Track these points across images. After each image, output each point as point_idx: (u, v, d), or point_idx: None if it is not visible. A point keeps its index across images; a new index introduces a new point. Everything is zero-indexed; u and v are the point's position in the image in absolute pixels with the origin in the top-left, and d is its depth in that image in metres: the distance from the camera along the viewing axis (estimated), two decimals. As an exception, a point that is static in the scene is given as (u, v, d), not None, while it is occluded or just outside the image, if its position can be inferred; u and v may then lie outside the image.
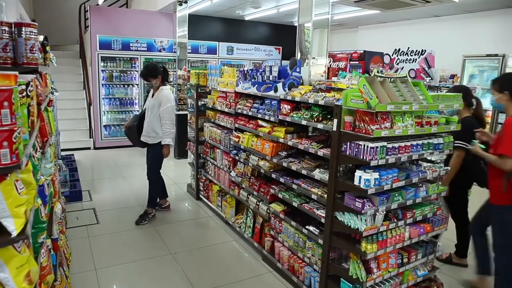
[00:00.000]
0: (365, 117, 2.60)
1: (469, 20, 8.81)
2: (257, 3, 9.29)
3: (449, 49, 8.47)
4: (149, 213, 5.21)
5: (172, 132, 4.99)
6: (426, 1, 7.26)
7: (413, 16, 9.71)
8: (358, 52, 7.79)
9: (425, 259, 3.29)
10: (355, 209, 2.76)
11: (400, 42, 9.97)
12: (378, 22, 11.05)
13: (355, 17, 10.08)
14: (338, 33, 13.05)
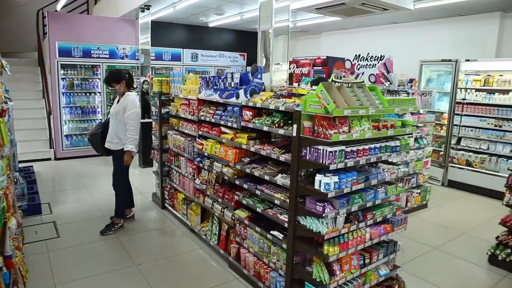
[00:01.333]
0: (323, 122, 2.65)
1: (425, 27, 9.18)
2: (220, 10, 9.32)
3: (407, 55, 8.79)
4: (116, 224, 5.08)
5: (135, 139, 4.89)
6: (384, 9, 7.51)
7: (373, 23, 10.02)
8: (321, 58, 7.95)
9: (387, 259, 3.37)
10: (316, 212, 2.79)
11: (361, 48, 10.25)
12: (340, 29, 11.32)
13: (318, 24, 10.29)
14: (302, 39, 13.27)
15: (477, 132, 7.34)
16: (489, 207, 6.40)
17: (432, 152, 7.71)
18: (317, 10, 7.92)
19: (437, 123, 7.85)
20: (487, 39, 8.02)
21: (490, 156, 7.11)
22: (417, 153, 5.78)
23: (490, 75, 7.21)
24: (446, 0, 7.04)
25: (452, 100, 7.55)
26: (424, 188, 6.16)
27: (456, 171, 7.53)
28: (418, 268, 4.32)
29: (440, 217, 5.98)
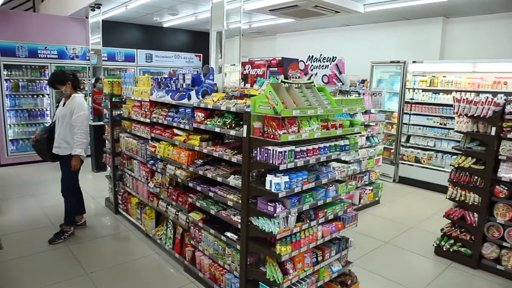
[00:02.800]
0: (273, 123, 2.67)
1: (375, 29, 9.52)
2: (174, 10, 9.18)
3: (359, 56, 9.07)
4: (66, 231, 4.86)
5: (84, 143, 4.69)
6: (335, 11, 7.70)
7: (326, 25, 10.25)
8: (276, 59, 8.03)
9: (339, 255, 3.44)
10: (267, 213, 2.81)
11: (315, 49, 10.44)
12: (295, 30, 11.50)
13: (273, 25, 10.39)
14: (257, 40, 13.36)
15: (425, 130, 7.70)
16: (436, 201, 6.72)
17: (384, 150, 8.01)
18: (271, 11, 7.99)
19: (388, 122, 8.17)
20: (431, 42, 8.43)
21: (437, 152, 7.48)
22: (369, 151, 5.97)
23: (435, 76, 7.59)
24: (393, 5, 7.33)
25: (401, 100, 7.88)
26: (376, 185, 6.38)
27: (406, 168, 7.86)
28: (371, 262, 4.46)
29: (391, 212, 6.21)
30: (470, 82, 7.13)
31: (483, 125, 4.33)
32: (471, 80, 7.13)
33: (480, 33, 7.93)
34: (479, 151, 4.36)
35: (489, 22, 7.79)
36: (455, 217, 4.57)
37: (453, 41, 8.37)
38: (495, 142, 4.19)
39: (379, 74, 8.65)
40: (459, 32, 8.29)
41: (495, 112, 4.15)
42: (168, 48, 11.64)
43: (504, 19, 7.57)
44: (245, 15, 9.50)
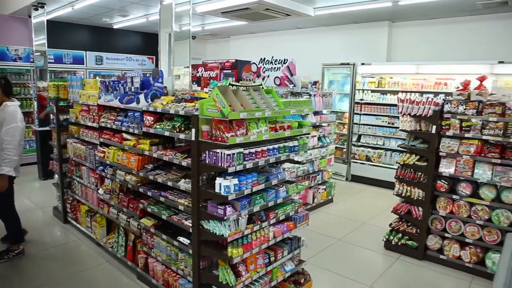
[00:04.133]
0: (220, 126, 2.67)
1: (326, 32, 9.77)
2: (124, 12, 8.95)
3: (311, 58, 9.27)
4: (12, 250, 4.49)
5: (14, 160, 4.14)
6: (286, 14, 7.85)
7: (279, 28, 10.39)
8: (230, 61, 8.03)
9: (291, 255, 3.50)
10: (218, 216, 2.80)
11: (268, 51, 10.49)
12: (248, 33, 11.57)
13: (226, 27, 10.40)
14: (211, 43, 13.32)
15: (374, 129, 8.00)
16: (386, 197, 6.98)
17: (336, 150, 8.25)
18: (223, 14, 8.01)
19: (340, 122, 8.41)
20: (379, 45, 8.78)
21: (386, 151, 7.80)
22: (321, 151, 6.11)
23: (382, 77, 7.92)
24: (341, 9, 7.57)
25: (351, 100, 8.14)
26: (329, 184, 6.54)
27: (358, 166, 8.12)
28: (324, 260, 4.57)
29: (344, 210, 6.40)
30: (414, 83, 7.50)
31: (425, 123, 4.57)
32: (415, 81, 7.50)
33: (422, 37, 8.35)
34: (422, 149, 4.59)
35: (430, 27, 8.23)
36: (402, 212, 4.78)
37: (399, 44, 8.76)
38: (435, 140, 4.43)
39: (331, 75, 8.89)
40: (403, 35, 8.69)
41: (435, 111, 4.39)
42: (120, 50, 11.33)
43: (444, 25, 8.02)
44: (197, 17, 9.44)
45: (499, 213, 4.14)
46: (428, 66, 7.45)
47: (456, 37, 7.86)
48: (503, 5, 6.72)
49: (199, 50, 13.18)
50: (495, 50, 7.29)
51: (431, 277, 4.31)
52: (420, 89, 7.36)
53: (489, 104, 4.17)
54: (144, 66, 11.38)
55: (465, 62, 7.02)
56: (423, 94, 7.03)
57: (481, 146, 4.23)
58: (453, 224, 4.41)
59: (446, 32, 7.99)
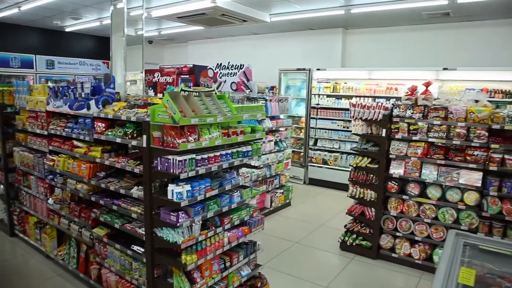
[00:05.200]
0: (172, 132, 2.65)
1: (283, 38, 9.93)
2: (76, 14, 8.67)
3: (268, 63, 9.39)
4: None
5: None
6: (243, 20, 7.91)
7: (237, 33, 10.45)
8: (188, 66, 7.98)
9: (247, 259, 3.51)
10: (171, 223, 2.77)
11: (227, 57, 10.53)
12: (206, 38, 11.55)
13: (183, 32, 10.33)
14: (169, 48, 13.18)
15: (330, 133, 8.20)
16: (343, 199, 7.11)
17: (294, 154, 8.38)
18: (179, 19, 7.96)
19: (297, 127, 8.56)
20: (333, 51, 9.03)
21: (341, 154, 8.01)
22: (278, 156, 6.19)
23: (337, 82, 8.15)
24: (296, 16, 7.73)
25: (308, 105, 8.31)
26: (286, 188, 6.63)
27: (315, 170, 8.29)
28: (281, 263, 4.62)
29: (301, 213, 6.50)
30: (367, 88, 7.78)
31: (375, 127, 4.74)
32: (368, 86, 7.78)
33: (375, 44, 8.68)
34: (373, 151, 4.76)
35: (382, 34, 8.57)
36: (356, 213, 4.93)
37: (352, 50, 9.05)
38: (386, 143, 4.61)
39: (288, 81, 9.04)
40: (357, 42, 9.00)
41: (384, 115, 4.57)
42: (73, 54, 10.94)
43: (394, 33, 8.38)
44: (154, 22, 9.32)
45: (444, 211, 4.37)
46: (380, 72, 7.76)
47: (406, 45, 8.23)
48: (446, 15, 7.13)
49: (156, 55, 12.99)
50: (441, 57, 7.71)
51: (384, 275, 4.46)
52: (373, 94, 7.64)
53: (433, 108, 4.40)
54: (99, 71, 11.05)
55: (414, 68, 7.38)
56: (375, 98, 7.37)
57: (427, 148, 4.45)
58: (404, 223, 4.60)
59: (396, 39, 8.36)
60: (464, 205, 4.24)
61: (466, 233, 2.65)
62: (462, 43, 7.63)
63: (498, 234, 4.16)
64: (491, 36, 7.35)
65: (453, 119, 4.26)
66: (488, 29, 7.39)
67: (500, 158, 4.07)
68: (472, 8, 6.61)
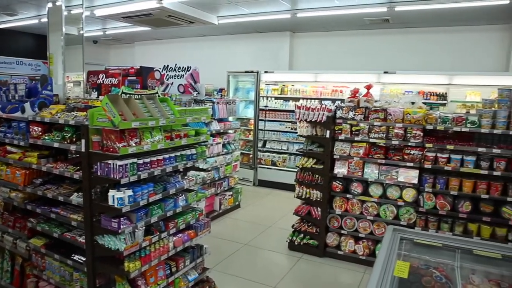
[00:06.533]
0: (111, 136, 2.57)
1: (231, 40, 9.96)
2: (11, 10, 8.16)
3: (216, 66, 9.37)
4: None
5: None
6: (190, 22, 7.84)
7: (185, 35, 10.33)
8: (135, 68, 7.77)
9: (194, 264, 3.48)
10: (112, 229, 2.69)
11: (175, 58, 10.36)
12: (154, 39, 11.31)
13: (130, 33, 10.06)
14: (115, 48, 12.78)
15: (279, 135, 8.33)
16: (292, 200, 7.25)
17: (243, 156, 8.42)
18: (125, 19, 7.75)
19: (246, 129, 8.61)
20: (281, 54, 9.18)
21: (290, 155, 8.17)
22: (226, 158, 6.19)
23: (285, 85, 8.31)
24: (244, 18, 7.79)
25: (256, 107, 8.39)
26: (235, 190, 6.64)
27: (264, 171, 8.38)
28: (230, 265, 4.62)
29: (251, 214, 6.54)
30: (314, 90, 7.99)
31: (320, 129, 4.88)
32: (314, 89, 8.00)
33: (321, 47, 8.93)
34: (318, 152, 4.90)
35: (327, 38, 8.84)
36: (303, 213, 5.04)
37: (300, 53, 9.25)
38: (330, 144, 4.76)
39: (236, 83, 9.08)
40: (304, 45, 9.21)
41: (328, 117, 4.72)
42: (9, 53, 10.27)
43: (339, 37, 8.67)
44: (98, 21, 8.99)
45: (385, 208, 4.58)
46: (326, 75, 8.00)
47: (350, 49, 8.55)
48: (386, 22, 7.49)
49: (101, 55, 12.53)
50: (382, 61, 8.07)
51: (331, 272, 4.60)
52: (319, 96, 7.86)
53: (374, 110, 4.60)
54: (39, 71, 10.45)
55: (358, 72, 7.68)
56: (322, 100, 7.57)
57: (369, 148, 4.65)
58: (348, 221, 4.77)
59: (341, 43, 8.66)
60: (403, 202, 4.48)
61: (402, 228, 2.81)
62: (401, 48, 8.05)
63: (433, 227, 4.43)
64: (428, 42, 7.83)
65: (392, 120, 4.49)
66: (424, 36, 7.86)
67: (434, 156, 4.33)
68: (409, 16, 7.00)
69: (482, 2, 5.90)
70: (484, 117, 4.12)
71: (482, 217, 4.20)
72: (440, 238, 2.68)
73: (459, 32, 7.58)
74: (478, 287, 2.26)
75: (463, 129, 4.18)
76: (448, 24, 7.48)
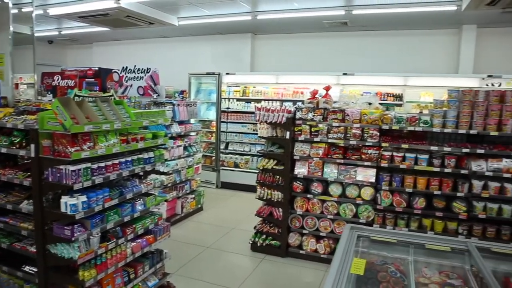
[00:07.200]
0: (63, 140, 2.48)
1: (193, 42, 9.86)
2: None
3: (178, 67, 9.25)
4: None
5: None
6: (150, 23, 7.70)
7: (145, 36, 10.13)
8: (93, 69, 7.53)
9: (154, 269, 3.42)
10: (65, 237, 2.59)
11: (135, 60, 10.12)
12: (113, 40, 11.02)
13: (87, 33, 9.73)
14: (72, 49, 12.35)
15: (241, 136, 8.33)
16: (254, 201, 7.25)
17: (206, 158, 8.37)
18: (81, 18, 7.51)
19: (208, 131, 8.56)
20: (243, 56, 9.19)
21: (252, 156, 8.18)
22: (187, 161, 6.11)
23: (246, 86, 8.32)
24: (205, 20, 7.74)
25: (218, 109, 8.36)
26: (198, 193, 6.58)
27: (227, 173, 8.35)
28: (192, 269, 4.56)
29: (214, 217, 6.50)
30: (275, 92, 8.06)
31: (280, 130, 4.92)
32: (276, 90, 8.06)
33: (282, 49, 9.01)
34: (279, 153, 4.94)
35: (288, 40, 8.94)
36: (265, 214, 5.06)
37: (261, 55, 9.30)
38: (290, 144, 4.81)
39: (198, 85, 9.01)
40: (265, 47, 9.27)
41: (288, 118, 4.77)
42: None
43: (300, 39, 8.78)
44: (53, 21, 8.64)
45: (345, 206, 4.69)
46: (287, 76, 8.09)
47: (311, 50, 8.68)
48: (344, 25, 7.68)
49: (58, 56, 12.07)
50: (341, 63, 8.26)
51: (293, 271, 4.64)
52: (281, 97, 7.93)
53: (332, 111, 4.70)
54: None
55: (318, 73, 7.83)
56: (283, 102, 7.65)
57: (328, 149, 4.74)
58: (309, 220, 4.84)
59: (302, 45, 8.78)
60: (362, 200, 4.60)
61: (360, 226, 2.87)
62: (359, 50, 8.27)
63: (391, 224, 4.57)
64: (384, 44, 8.09)
65: (350, 120, 4.59)
66: (382, 39, 8.12)
67: (390, 155, 4.48)
68: (367, 19, 7.21)
69: (432, 8, 6.18)
70: (435, 117, 4.30)
71: (435, 212, 4.38)
72: (395, 235, 2.77)
73: (413, 36, 7.89)
74: (430, 279, 2.36)
75: (417, 128, 4.36)
76: (403, 28, 7.77)
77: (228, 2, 6.65)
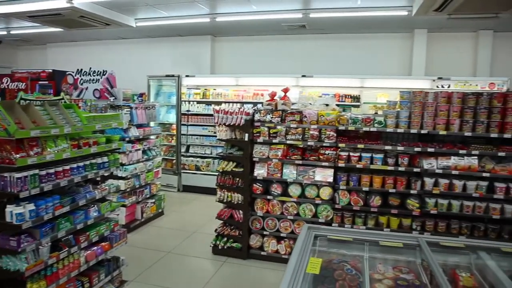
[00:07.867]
0: (7, 146, 2.36)
1: (151, 44, 9.70)
2: None
3: (136, 69, 9.07)
4: None
5: None
6: (106, 24, 7.50)
7: (102, 37, 9.85)
8: (47, 71, 7.23)
9: (110, 277, 3.32)
10: (10, 249, 2.46)
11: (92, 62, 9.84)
12: (68, 41, 10.62)
13: (40, 33, 9.32)
14: (24, 50, 11.81)
15: (202, 139, 8.27)
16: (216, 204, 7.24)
17: (166, 162, 8.25)
18: (31, 18, 7.20)
19: (168, 134, 8.44)
20: (203, 58, 9.14)
21: (213, 159, 8.14)
22: (147, 165, 5.99)
23: (207, 89, 8.28)
24: (163, 22, 7.65)
25: (178, 112, 8.26)
26: (158, 197, 6.46)
27: (188, 176, 8.26)
28: (153, 275, 4.47)
29: (175, 221, 6.41)
30: (236, 94, 8.06)
31: (239, 132, 4.94)
32: (236, 92, 8.07)
33: (241, 51, 9.04)
34: (238, 155, 4.94)
35: (248, 42, 8.98)
36: (225, 217, 5.05)
37: (221, 57, 9.28)
38: (249, 146, 4.83)
39: (158, 87, 8.86)
40: (225, 49, 9.26)
41: (246, 120, 4.79)
42: None
43: (259, 41, 8.84)
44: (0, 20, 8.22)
45: (304, 207, 4.76)
46: (247, 79, 8.12)
47: (270, 53, 8.75)
48: (302, 28, 7.81)
49: (8, 57, 11.50)
50: (300, 65, 8.38)
51: (255, 273, 4.66)
52: (241, 99, 7.94)
53: (290, 112, 4.76)
54: None
55: (277, 75, 7.92)
56: (243, 104, 7.65)
57: (287, 150, 4.80)
58: (270, 222, 4.87)
59: (262, 48, 8.84)
60: (320, 200, 4.69)
61: (317, 226, 2.92)
62: (318, 52, 8.44)
63: (349, 222, 4.69)
64: (342, 47, 8.30)
65: (307, 122, 4.68)
66: (339, 41, 8.33)
67: (347, 155, 4.59)
68: (324, 22, 7.37)
69: (384, 13, 6.42)
70: (388, 117, 4.46)
71: (391, 209, 4.54)
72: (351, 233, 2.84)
73: (369, 39, 8.15)
74: (383, 275, 2.44)
75: (372, 129, 4.50)
76: (359, 31, 8.01)
77: (186, 4, 6.59)
